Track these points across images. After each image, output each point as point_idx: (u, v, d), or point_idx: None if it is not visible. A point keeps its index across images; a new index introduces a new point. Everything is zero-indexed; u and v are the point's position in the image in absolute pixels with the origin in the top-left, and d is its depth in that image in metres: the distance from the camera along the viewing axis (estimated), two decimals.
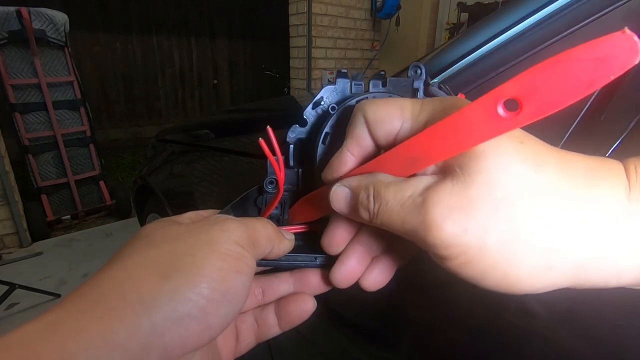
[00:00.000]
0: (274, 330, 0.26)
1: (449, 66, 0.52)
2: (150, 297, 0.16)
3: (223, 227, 0.21)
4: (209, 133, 1.12)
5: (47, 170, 2.29)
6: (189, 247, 0.19)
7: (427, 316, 0.45)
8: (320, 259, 0.27)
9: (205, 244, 0.19)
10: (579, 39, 0.42)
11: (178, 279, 0.17)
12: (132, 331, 0.16)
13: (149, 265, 0.18)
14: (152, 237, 0.20)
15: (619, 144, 0.36)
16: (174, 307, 0.17)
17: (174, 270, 0.18)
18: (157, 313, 0.16)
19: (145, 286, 0.17)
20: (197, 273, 0.18)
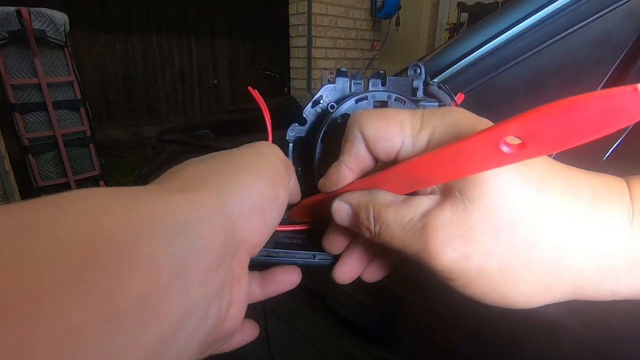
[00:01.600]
0: (256, 295, 0.25)
1: (449, 66, 0.52)
2: (224, 186, 0.18)
3: (269, 146, 0.23)
4: (209, 133, 1.12)
5: (47, 170, 2.29)
6: (245, 155, 0.21)
7: (427, 316, 0.45)
8: (319, 256, 0.27)
9: (259, 154, 0.21)
10: (579, 39, 0.42)
11: (243, 176, 0.19)
12: (216, 208, 0.17)
13: (218, 165, 0.20)
14: (211, 156, 0.22)
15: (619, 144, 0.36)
16: (243, 198, 0.18)
17: (239, 170, 0.19)
18: (233, 201, 0.18)
19: (220, 178, 0.18)
20: (258, 175, 0.20)
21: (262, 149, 0.22)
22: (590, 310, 0.33)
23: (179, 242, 0.14)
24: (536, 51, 0.44)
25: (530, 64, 0.45)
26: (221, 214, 0.17)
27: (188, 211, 0.15)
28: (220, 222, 0.17)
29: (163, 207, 0.14)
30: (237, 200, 0.18)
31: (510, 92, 0.46)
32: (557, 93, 0.42)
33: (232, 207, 0.18)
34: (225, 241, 0.17)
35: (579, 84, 0.40)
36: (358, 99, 0.27)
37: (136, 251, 0.12)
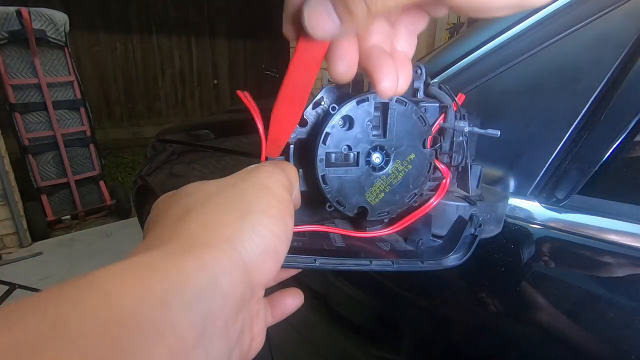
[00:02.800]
0: (268, 321, 0.26)
1: (449, 66, 0.52)
2: (237, 235, 0.18)
3: (268, 173, 0.22)
4: (209, 133, 1.12)
5: (47, 170, 2.29)
6: (248, 190, 0.20)
7: (427, 316, 0.45)
8: (319, 260, 0.27)
9: (262, 187, 0.21)
10: (579, 39, 0.42)
11: (253, 218, 0.19)
12: (232, 261, 0.17)
13: (219, 208, 0.19)
14: (201, 191, 0.21)
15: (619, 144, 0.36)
16: (257, 244, 0.18)
17: (247, 212, 0.19)
18: (246, 249, 0.18)
19: (230, 226, 0.18)
20: (266, 214, 0.19)
21: (264, 181, 0.21)
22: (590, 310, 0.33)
23: (199, 306, 0.14)
24: (536, 51, 0.44)
25: (531, 64, 0.45)
26: (237, 266, 0.17)
27: (204, 274, 0.15)
28: (237, 275, 0.17)
29: (178, 274, 0.14)
30: (251, 247, 0.18)
31: (510, 92, 0.46)
32: (557, 93, 0.42)
33: (248, 255, 0.18)
34: (243, 290, 0.17)
35: (579, 84, 0.40)
36: (359, 100, 0.27)
37: (157, 324, 0.12)
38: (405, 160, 0.29)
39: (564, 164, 0.40)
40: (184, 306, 0.13)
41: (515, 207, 0.41)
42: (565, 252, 0.38)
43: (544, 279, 0.37)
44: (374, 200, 0.29)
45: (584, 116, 0.39)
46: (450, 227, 0.33)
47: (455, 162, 0.34)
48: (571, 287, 0.35)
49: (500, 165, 0.44)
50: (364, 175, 0.28)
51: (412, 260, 0.29)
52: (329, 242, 0.30)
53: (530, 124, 0.43)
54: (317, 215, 0.33)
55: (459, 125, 0.32)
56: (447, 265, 0.29)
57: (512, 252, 0.39)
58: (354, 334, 0.55)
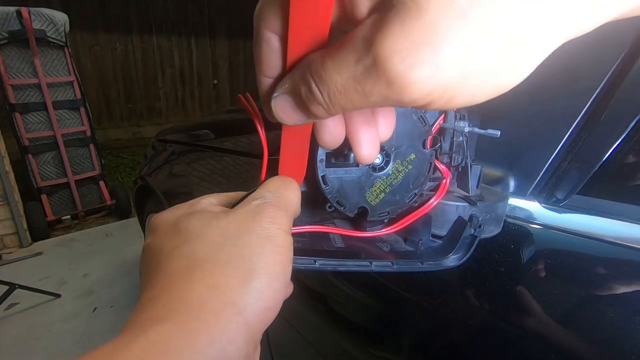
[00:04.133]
0: None
1: None
2: (243, 300, 0.18)
3: (271, 218, 0.21)
4: (209, 133, 1.12)
5: (47, 170, 2.29)
6: (253, 246, 0.20)
7: (427, 316, 0.45)
8: (319, 261, 0.27)
9: (265, 241, 0.20)
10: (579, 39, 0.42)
11: (258, 281, 0.19)
12: (238, 328, 0.18)
13: (226, 267, 0.19)
14: (208, 235, 0.21)
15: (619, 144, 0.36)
16: (258, 304, 0.19)
17: (251, 273, 0.19)
18: (249, 311, 0.18)
19: (232, 289, 0.19)
20: (270, 272, 0.20)
21: (268, 232, 0.21)
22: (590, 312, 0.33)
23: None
24: None
25: None
26: (242, 332, 0.18)
27: (213, 348, 0.17)
28: (242, 340, 0.18)
29: (189, 352, 0.16)
30: (254, 309, 0.19)
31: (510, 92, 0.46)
32: (557, 93, 0.42)
33: (251, 318, 0.18)
34: (247, 351, 0.18)
35: (579, 85, 0.40)
36: None
37: None
38: (405, 160, 0.29)
39: (564, 164, 0.40)
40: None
41: (515, 207, 0.41)
42: (565, 252, 0.38)
43: (544, 279, 0.37)
44: (374, 200, 0.29)
45: (584, 116, 0.39)
46: (450, 227, 0.33)
47: (455, 162, 0.34)
48: (571, 287, 0.35)
49: (500, 165, 0.44)
50: (364, 176, 0.28)
51: (412, 261, 0.29)
52: (329, 242, 0.30)
53: (530, 124, 0.43)
54: (317, 216, 0.33)
55: (459, 125, 0.32)
56: (447, 266, 0.29)
57: (512, 252, 0.39)
58: (354, 334, 0.55)
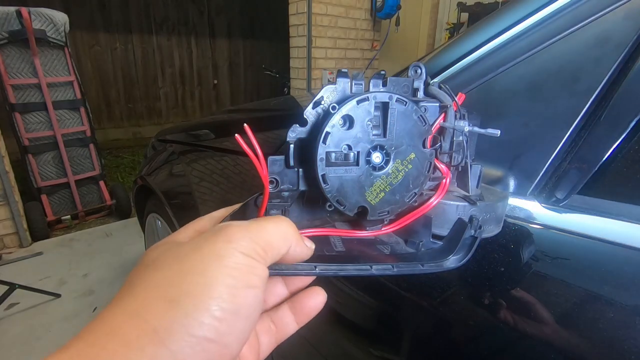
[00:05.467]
0: (292, 328, 0.27)
1: (449, 66, 0.52)
2: (162, 326, 0.16)
3: (227, 237, 0.19)
4: (209, 133, 1.12)
5: (47, 170, 2.29)
6: (196, 264, 0.18)
7: (427, 316, 0.45)
8: (320, 267, 0.27)
9: (211, 260, 0.18)
10: (579, 39, 0.42)
11: (187, 302, 0.17)
12: (155, 358, 0.15)
13: (155, 290, 0.17)
14: (157, 260, 0.20)
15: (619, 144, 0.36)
16: (188, 333, 0.16)
17: (182, 294, 0.17)
18: (174, 341, 0.16)
19: (155, 314, 0.16)
20: (207, 294, 0.17)
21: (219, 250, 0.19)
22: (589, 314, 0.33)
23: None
24: (536, 51, 0.44)
25: (531, 64, 0.45)
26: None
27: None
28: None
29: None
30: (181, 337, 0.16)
31: (510, 92, 0.46)
32: (557, 93, 0.42)
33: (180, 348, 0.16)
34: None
35: (579, 84, 0.40)
36: (359, 100, 0.27)
37: None
38: (405, 159, 0.29)
39: (564, 164, 0.40)
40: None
41: (515, 207, 0.41)
42: (565, 252, 0.38)
43: (544, 279, 0.37)
44: (374, 199, 0.29)
45: (584, 116, 0.39)
46: (450, 227, 0.33)
47: (455, 161, 0.34)
48: (571, 287, 0.35)
49: (500, 165, 0.44)
50: (364, 175, 0.28)
51: (413, 263, 0.29)
52: (329, 247, 0.30)
53: (530, 124, 0.43)
54: (317, 220, 0.33)
55: (459, 124, 0.32)
56: (448, 267, 0.29)
57: (512, 252, 0.39)
58: (354, 334, 0.55)
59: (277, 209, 0.31)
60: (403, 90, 0.31)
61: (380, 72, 0.29)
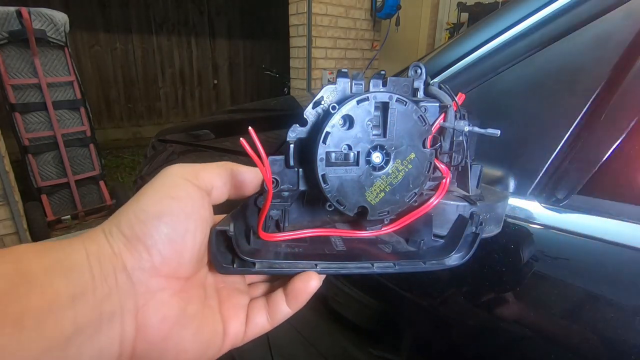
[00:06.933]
0: (285, 311, 0.27)
1: (449, 66, 0.52)
2: (107, 226, 0.22)
3: (165, 168, 0.25)
4: (209, 133, 1.12)
5: (47, 170, 2.29)
6: (140, 190, 0.24)
7: (427, 316, 0.45)
8: (320, 265, 0.27)
9: (147, 185, 0.24)
10: (579, 39, 0.42)
11: (123, 210, 0.22)
12: (99, 248, 0.21)
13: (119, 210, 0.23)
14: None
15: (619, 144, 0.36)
16: (120, 231, 0.22)
17: (124, 206, 0.23)
18: (110, 236, 0.22)
19: (109, 220, 0.22)
20: (135, 203, 0.23)
21: (158, 175, 0.24)
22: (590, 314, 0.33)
23: (71, 279, 0.19)
24: (536, 51, 0.44)
25: (531, 64, 0.45)
26: (104, 252, 0.21)
27: (76, 257, 0.20)
28: (105, 258, 0.21)
29: (62, 253, 0.20)
30: (121, 229, 0.22)
31: (510, 93, 0.46)
32: (557, 93, 0.42)
33: (114, 241, 0.21)
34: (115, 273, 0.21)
35: (579, 85, 0.40)
36: (359, 100, 0.27)
37: (41, 281, 0.18)
38: (405, 159, 0.28)
39: (564, 164, 0.40)
40: (62, 274, 0.19)
41: (515, 207, 0.41)
42: (565, 252, 0.38)
43: (544, 279, 0.37)
44: (374, 199, 0.29)
45: (584, 116, 0.39)
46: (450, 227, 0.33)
47: (455, 161, 0.34)
48: (571, 287, 0.35)
49: (500, 165, 0.44)
50: (364, 175, 0.28)
51: (414, 261, 0.29)
52: (330, 246, 0.30)
53: (530, 124, 0.43)
54: (317, 220, 0.33)
55: (459, 124, 0.32)
56: (449, 265, 0.29)
57: (512, 252, 0.39)
58: (354, 334, 0.55)
59: (277, 209, 0.31)
60: (403, 90, 0.31)
61: (380, 72, 0.29)
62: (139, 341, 0.21)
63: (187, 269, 0.23)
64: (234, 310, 0.27)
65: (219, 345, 0.25)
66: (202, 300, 0.25)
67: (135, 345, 0.21)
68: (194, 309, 0.24)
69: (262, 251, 0.28)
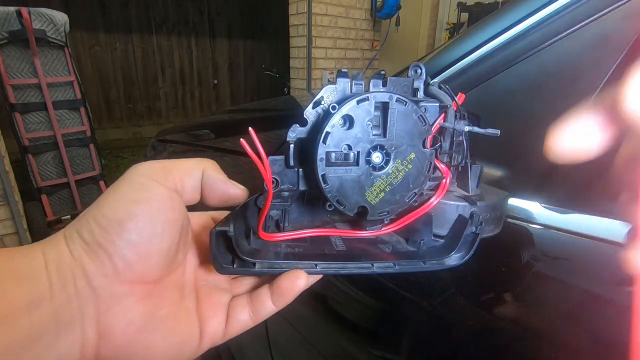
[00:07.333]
0: (269, 307, 0.27)
1: (449, 66, 0.52)
2: (67, 231, 0.21)
3: (132, 167, 0.23)
4: (209, 133, 1.12)
5: (47, 170, 2.29)
6: (106, 191, 0.22)
7: (427, 316, 0.45)
8: (320, 265, 0.27)
9: (112, 185, 0.22)
10: (579, 39, 0.42)
11: (84, 215, 0.21)
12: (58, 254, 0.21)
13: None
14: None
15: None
16: (80, 236, 0.21)
17: (86, 210, 0.22)
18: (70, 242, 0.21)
19: (70, 225, 0.22)
20: (96, 207, 0.21)
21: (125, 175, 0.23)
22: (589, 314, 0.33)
23: (27, 287, 0.19)
24: (536, 51, 0.44)
25: (531, 64, 0.45)
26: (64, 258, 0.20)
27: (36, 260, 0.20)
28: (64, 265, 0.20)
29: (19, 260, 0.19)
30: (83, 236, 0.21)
31: (510, 92, 0.46)
32: (557, 93, 0.42)
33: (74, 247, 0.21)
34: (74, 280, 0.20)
35: (579, 84, 0.40)
36: (359, 100, 0.27)
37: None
38: (405, 159, 0.28)
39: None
40: (16, 282, 0.18)
41: (515, 207, 0.41)
42: (565, 252, 0.38)
43: (544, 279, 0.37)
44: (374, 199, 0.29)
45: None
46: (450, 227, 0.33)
47: (455, 161, 0.34)
48: (571, 287, 0.35)
49: (500, 165, 0.44)
50: (364, 175, 0.28)
51: (414, 261, 0.29)
52: (330, 246, 0.30)
53: (531, 124, 0.43)
54: (317, 220, 0.33)
55: (459, 124, 0.32)
56: (450, 265, 0.29)
57: (512, 252, 0.39)
58: (354, 333, 0.55)
59: (277, 209, 0.31)
60: (403, 90, 0.31)
61: (380, 72, 0.29)
62: (103, 347, 0.21)
63: (155, 272, 0.23)
64: (213, 309, 0.26)
65: (195, 345, 0.25)
66: (177, 302, 0.25)
67: (98, 351, 0.21)
68: (164, 312, 0.23)
69: (262, 251, 0.28)
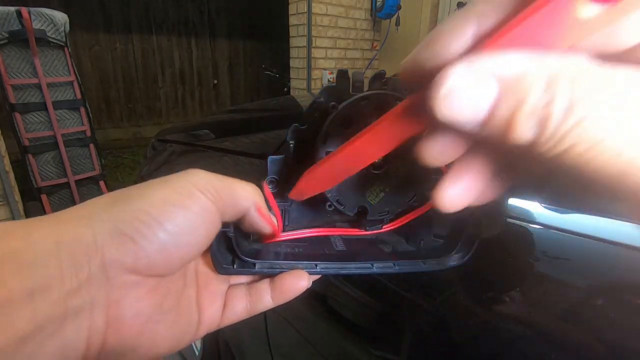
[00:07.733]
0: (267, 302, 0.27)
1: None
2: (96, 214, 0.19)
3: (186, 172, 0.22)
4: (209, 133, 1.12)
5: (47, 170, 2.29)
6: (147, 184, 0.21)
7: (427, 316, 0.45)
8: (321, 265, 0.27)
9: (159, 182, 0.21)
10: None
11: (123, 203, 0.20)
12: (76, 237, 0.18)
13: (108, 196, 0.21)
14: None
15: None
16: (113, 223, 0.19)
17: (123, 197, 0.20)
18: (98, 226, 0.19)
19: (98, 208, 0.20)
20: (140, 200, 0.20)
21: (169, 177, 0.21)
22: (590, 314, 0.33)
23: (31, 272, 0.17)
24: None
25: None
26: (82, 242, 0.18)
27: (44, 242, 0.17)
28: (81, 249, 0.18)
29: (22, 241, 0.17)
30: (101, 225, 0.19)
31: None
32: None
33: (95, 231, 0.18)
34: (89, 266, 0.18)
35: None
36: (359, 100, 0.27)
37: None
38: (405, 159, 0.29)
39: None
40: (15, 270, 0.16)
41: (515, 207, 0.41)
42: (566, 252, 0.38)
43: (544, 279, 0.37)
44: (373, 199, 0.29)
45: None
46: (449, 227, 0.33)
47: None
48: (571, 287, 0.35)
49: None
50: (364, 175, 0.28)
51: (414, 261, 0.29)
52: (330, 246, 0.30)
53: None
54: (317, 220, 0.33)
55: None
56: (450, 265, 0.29)
57: (512, 252, 0.39)
58: (354, 333, 0.55)
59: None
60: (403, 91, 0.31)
61: (380, 72, 0.29)
62: (110, 336, 0.20)
63: (169, 273, 0.22)
64: (212, 297, 0.26)
65: (193, 333, 0.25)
66: (180, 291, 0.24)
67: (105, 339, 0.20)
68: (170, 303, 0.23)
69: (262, 251, 0.28)
